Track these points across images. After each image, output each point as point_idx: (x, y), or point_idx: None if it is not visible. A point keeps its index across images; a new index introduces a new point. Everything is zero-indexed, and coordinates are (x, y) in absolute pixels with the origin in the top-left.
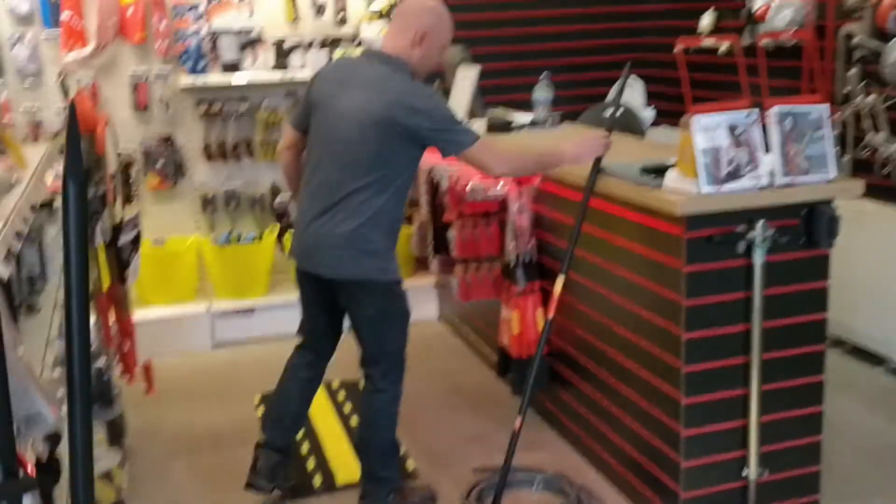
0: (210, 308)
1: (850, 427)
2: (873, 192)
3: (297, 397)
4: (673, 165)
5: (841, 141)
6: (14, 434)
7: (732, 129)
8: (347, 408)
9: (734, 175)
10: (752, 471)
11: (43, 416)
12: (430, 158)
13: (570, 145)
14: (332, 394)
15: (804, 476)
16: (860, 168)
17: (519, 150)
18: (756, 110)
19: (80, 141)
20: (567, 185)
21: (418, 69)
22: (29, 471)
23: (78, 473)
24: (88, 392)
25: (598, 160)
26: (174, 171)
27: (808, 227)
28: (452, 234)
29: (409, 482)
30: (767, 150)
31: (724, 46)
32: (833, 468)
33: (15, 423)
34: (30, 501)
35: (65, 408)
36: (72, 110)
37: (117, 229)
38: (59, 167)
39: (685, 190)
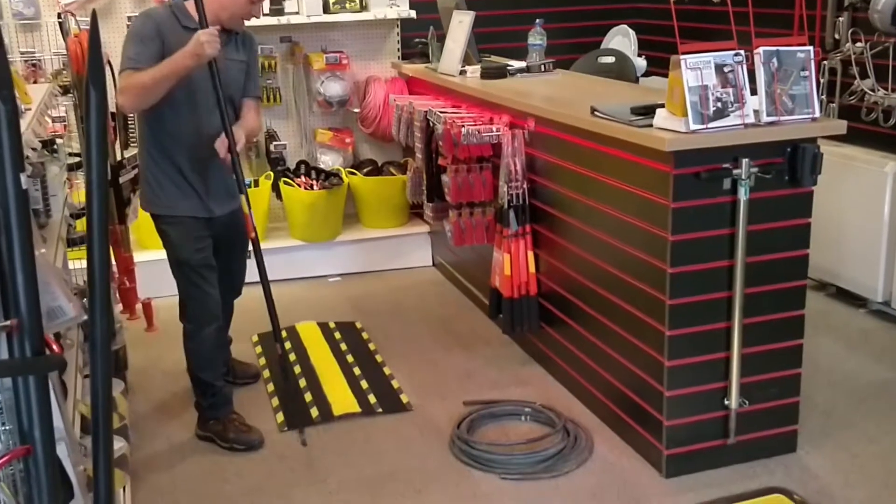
0: None
1: (830, 365)
2: (859, 138)
3: None
4: (662, 105)
5: (829, 88)
6: (41, 317)
7: (720, 68)
8: (343, 346)
9: (721, 113)
10: (733, 401)
11: (63, 310)
12: (423, 103)
13: (180, 53)
14: (329, 333)
15: (784, 407)
16: (847, 115)
17: (140, 78)
18: (743, 51)
19: (101, 50)
20: (560, 127)
21: (218, 14)
22: (55, 350)
23: (98, 363)
24: (108, 290)
25: (213, 61)
26: None
27: (792, 164)
28: (447, 179)
29: (234, 418)
30: (753, 89)
31: None
32: (812, 402)
33: None
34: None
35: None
36: (94, 20)
37: (117, 168)
38: (60, 108)
39: (673, 128)
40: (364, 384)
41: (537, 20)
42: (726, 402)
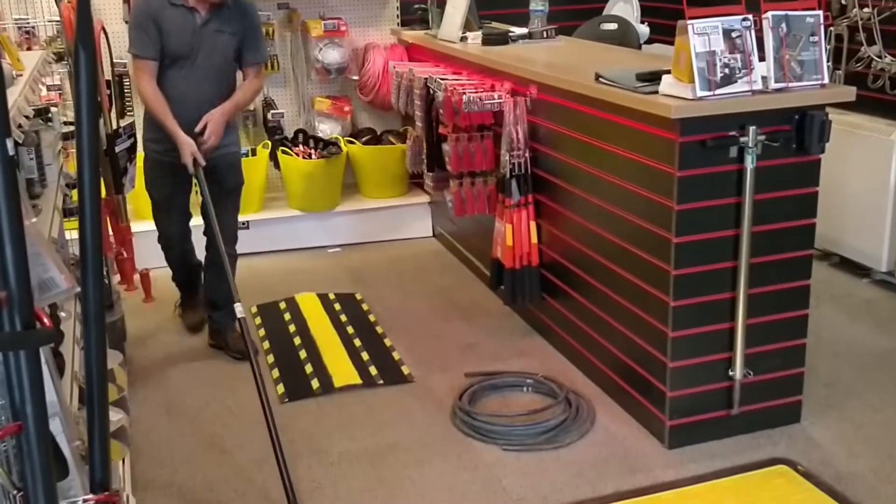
0: None
1: (834, 335)
2: (865, 105)
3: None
4: (667, 72)
5: (835, 54)
6: (31, 289)
7: (728, 33)
8: (343, 318)
9: (728, 79)
10: (737, 372)
11: (55, 282)
12: (423, 70)
13: (183, 137)
14: (329, 304)
15: (788, 377)
16: (853, 81)
17: (154, 96)
18: (751, 16)
19: (90, 9)
20: (563, 94)
21: None
22: (46, 324)
23: (91, 331)
24: (101, 257)
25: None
26: None
27: (800, 132)
28: (447, 148)
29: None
30: (762, 55)
31: None
32: (816, 372)
33: None
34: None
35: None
36: None
37: (112, 137)
38: (55, 76)
39: (680, 94)
40: (365, 356)
41: None
42: (730, 373)
